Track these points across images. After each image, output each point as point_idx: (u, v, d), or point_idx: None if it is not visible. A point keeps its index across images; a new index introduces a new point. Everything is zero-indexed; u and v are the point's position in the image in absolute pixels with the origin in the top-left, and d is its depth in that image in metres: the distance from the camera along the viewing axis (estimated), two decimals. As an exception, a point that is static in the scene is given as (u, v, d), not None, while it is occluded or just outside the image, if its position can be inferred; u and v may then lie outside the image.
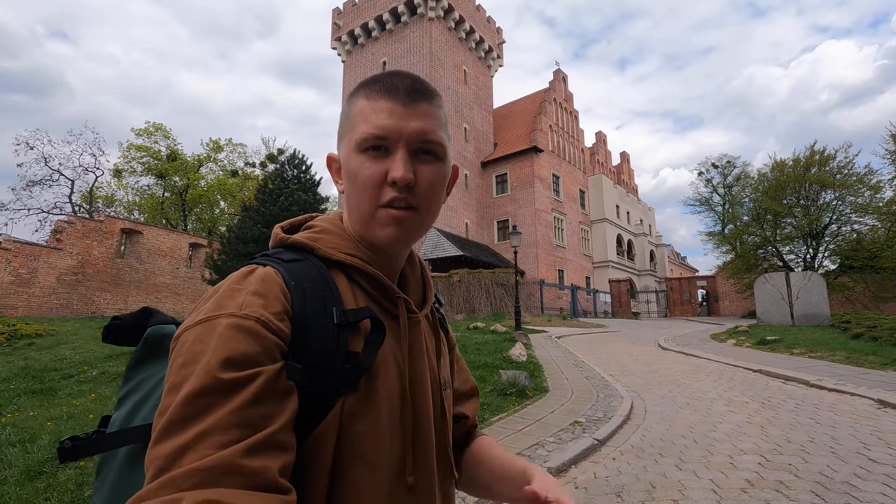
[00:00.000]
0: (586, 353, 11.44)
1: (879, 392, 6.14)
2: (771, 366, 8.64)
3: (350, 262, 0.66)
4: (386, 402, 0.62)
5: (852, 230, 24.63)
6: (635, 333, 17.92)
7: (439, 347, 0.77)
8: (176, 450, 0.45)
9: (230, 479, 0.44)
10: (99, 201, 30.41)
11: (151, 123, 29.72)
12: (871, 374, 7.47)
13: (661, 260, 48.36)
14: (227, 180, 31.96)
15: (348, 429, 0.58)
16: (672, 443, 4.41)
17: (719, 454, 4.00)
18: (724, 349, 11.91)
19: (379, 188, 0.63)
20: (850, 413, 5.35)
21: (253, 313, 0.53)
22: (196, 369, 0.49)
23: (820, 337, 12.19)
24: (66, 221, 20.72)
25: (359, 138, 0.63)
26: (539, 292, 27.65)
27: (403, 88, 0.64)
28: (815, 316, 16.31)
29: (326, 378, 0.57)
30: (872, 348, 9.65)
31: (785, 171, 25.54)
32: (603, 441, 4.53)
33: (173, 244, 24.46)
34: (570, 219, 37.91)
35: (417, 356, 0.68)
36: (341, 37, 37.78)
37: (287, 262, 0.63)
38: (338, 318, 0.60)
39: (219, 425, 0.46)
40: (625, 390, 6.77)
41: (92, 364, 8.08)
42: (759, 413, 5.42)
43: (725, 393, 6.60)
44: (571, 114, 40.83)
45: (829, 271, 25.64)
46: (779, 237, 26.10)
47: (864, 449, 4.03)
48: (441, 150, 0.66)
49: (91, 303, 21.04)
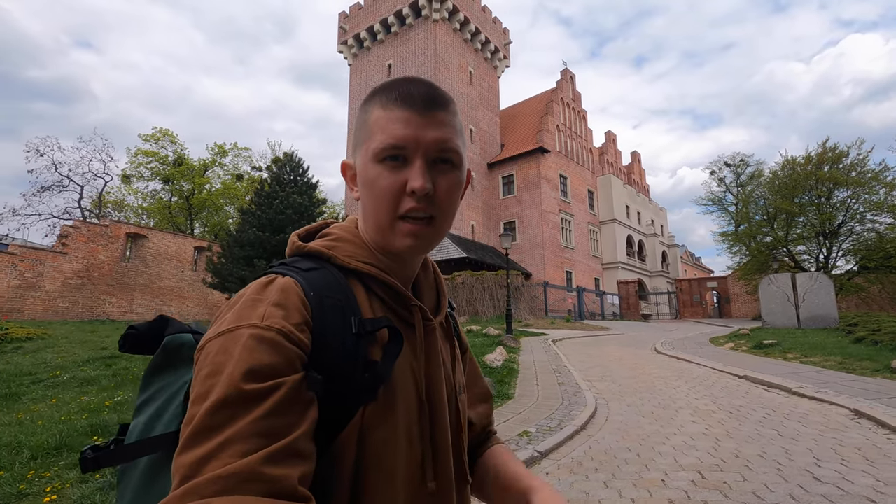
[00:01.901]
0: (575, 357, 11.17)
1: (858, 401, 5.81)
2: (758, 371, 8.29)
3: (366, 271, 0.67)
4: (404, 410, 0.62)
5: (868, 229, 23.79)
6: (636, 336, 17.52)
7: (454, 353, 0.77)
8: (200, 458, 0.46)
9: (251, 486, 0.45)
10: (109, 206, 31.01)
11: (158, 129, 30.25)
12: (858, 381, 7.10)
13: (673, 261, 47.47)
14: (233, 184, 32.31)
15: (368, 437, 0.58)
16: (614, 456, 4.19)
17: (656, 470, 3.78)
18: (718, 353, 11.52)
19: (397, 198, 0.63)
20: (819, 424, 5.06)
21: (274, 325, 0.54)
22: (220, 380, 0.50)
23: (821, 341, 11.72)
24: (71, 226, 21.13)
25: (376, 148, 0.64)
26: (543, 294, 27.29)
27: (420, 97, 0.64)
28: (823, 318, 15.73)
29: (346, 387, 0.58)
30: (870, 353, 9.21)
31: (796, 169, 24.80)
32: (545, 453, 4.34)
33: (178, 248, 24.77)
34: (579, 220, 37.42)
35: (434, 364, 0.68)
36: (347, 40, 37.97)
37: (305, 271, 0.64)
38: (356, 327, 0.61)
39: (241, 434, 0.48)
40: (593, 398, 6.54)
41: (66, 369, 8.13)
42: (722, 423, 5.15)
43: (696, 401, 6.32)
44: (579, 113, 40.34)
45: (844, 272, 24.81)
46: (792, 237, 25.34)
47: (815, 465, 3.77)
48: (458, 157, 0.66)
49: (96, 306, 21.40)
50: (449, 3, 33.23)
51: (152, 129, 30.53)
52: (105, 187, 30.65)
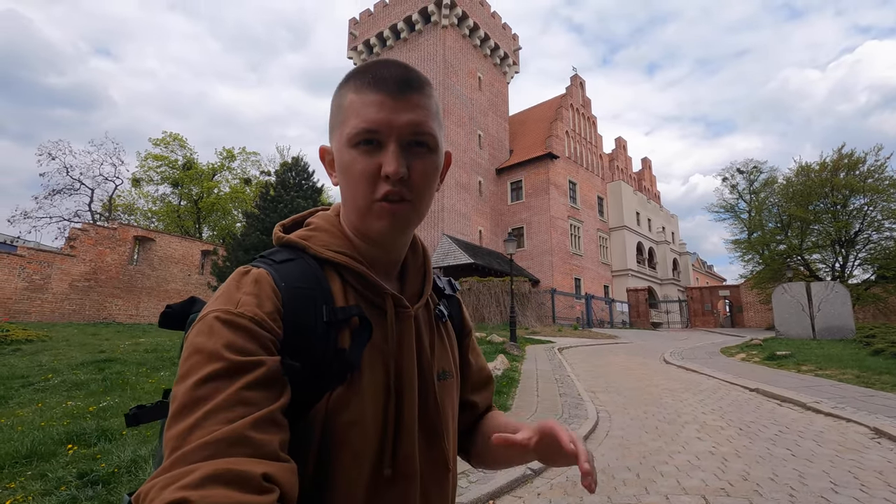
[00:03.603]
0: (580, 366, 10.86)
1: (879, 419, 5.46)
2: (770, 384, 7.93)
3: (338, 261, 0.68)
4: (371, 394, 0.64)
5: (886, 237, 23.13)
6: (645, 345, 17.10)
7: (440, 338, 0.77)
8: (186, 429, 0.49)
9: (238, 450, 0.48)
10: (119, 209, 31.23)
11: (168, 133, 30.48)
12: (877, 397, 6.72)
13: (684, 269, 46.74)
14: (241, 188, 32.41)
15: (334, 418, 0.61)
16: (612, 476, 3.91)
17: (656, 493, 3.50)
18: (729, 364, 11.12)
19: (373, 182, 0.64)
20: (836, 444, 4.73)
21: (247, 312, 0.58)
22: (200, 359, 0.54)
23: (837, 352, 11.27)
24: (79, 229, 21.24)
25: (350, 133, 0.64)
26: (551, 301, 26.91)
27: (393, 80, 0.64)
28: (839, 329, 15.23)
29: (316, 372, 0.61)
30: (889, 366, 8.79)
31: (811, 176, 24.24)
32: (538, 471, 4.07)
33: (186, 251, 24.81)
34: (588, 226, 37.00)
35: (405, 350, 0.69)
36: (357, 46, 38.08)
37: (279, 262, 0.66)
38: (327, 315, 0.63)
39: (225, 403, 0.50)
40: (595, 410, 6.24)
41: (59, 372, 8.01)
42: (730, 441, 4.84)
43: (704, 416, 6.00)
44: (589, 119, 40.01)
45: (860, 281, 24.13)
46: (806, 245, 24.74)
47: (831, 491, 3.47)
48: (433, 140, 0.66)
49: (103, 309, 21.45)
50: (458, 9, 33.20)
51: (162, 134, 30.82)
52: (115, 191, 30.95)
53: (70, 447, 4.27)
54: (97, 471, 3.63)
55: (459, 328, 0.86)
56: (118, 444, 4.25)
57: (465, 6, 33.83)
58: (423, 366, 0.71)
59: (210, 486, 0.44)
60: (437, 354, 0.75)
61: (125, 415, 0.67)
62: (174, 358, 9.44)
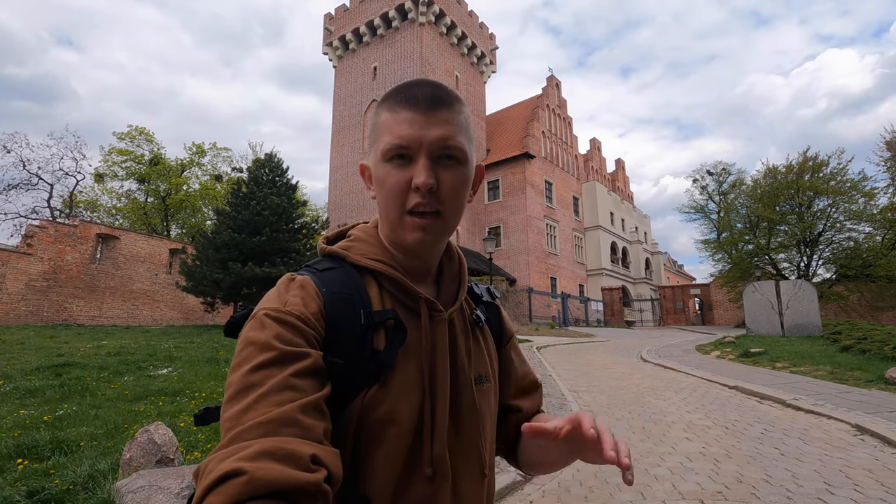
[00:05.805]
0: (560, 365, 10.80)
1: (859, 415, 5.51)
2: (748, 382, 8.00)
3: (375, 268, 0.72)
4: (405, 395, 0.66)
5: (847, 237, 24.01)
6: (621, 344, 17.24)
7: (476, 343, 0.78)
8: (241, 410, 0.53)
9: (289, 430, 0.52)
10: (80, 206, 29.83)
11: (134, 127, 29.20)
12: (853, 393, 6.83)
13: (656, 268, 47.70)
14: (212, 185, 31.41)
15: (369, 416, 0.63)
16: (605, 481, 3.78)
17: (653, 499, 3.38)
18: (705, 361, 11.25)
19: (404, 194, 0.67)
20: (822, 441, 4.73)
21: (294, 310, 0.63)
22: (253, 349, 0.58)
23: (807, 349, 11.54)
24: (37, 226, 20.15)
25: (383, 149, 0.68)
26: (528, 300, 26.98)
27: (423, 98, 0.67)
28: (806, 326, 15.67)
29: (354, 371, 0.64)
30: (859, 362, 9.01)
31: (778, 178, 24.97)
32: (528, 479, 3.91)
33: (152, 250, 23.85)
34: (563, 226, 37.32)
35: (439, 352, 0.70)
36: (333, 42, 37.47)
37: (321, 271, 0.71)
38: (364, 319, 0.67)
39: (276, 387, 0.54)
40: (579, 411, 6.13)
41: (12, 378, 7.47)
42: (719, 441, 4.79)
43: (688, 415, 5.96)
44: (565, 120, 40.37)
45: (823, 280, 24.97)
46: (773, 245, 25.46)
47: (827, 492, 3.41)
48: (462, 154, 0.69)
49: (63, 310, 20.42)
50: (435, 6, 32.98)
51: (128, 128, 29.48)
52: (76, 186, 29.53)
53: (20, 462, 3.89)
54: (50, 488, 3.29)
55: (498, 334, 0.87)
56: (74, 457, 3.90)
57: (443, 4, 33.64)
58: (459, 368, 0.72)
59: (264, 460, 0.47)
60: (474, 359, 0.76)
61: (194, 415, 0.70)
62: (140, 362, 8.96)
